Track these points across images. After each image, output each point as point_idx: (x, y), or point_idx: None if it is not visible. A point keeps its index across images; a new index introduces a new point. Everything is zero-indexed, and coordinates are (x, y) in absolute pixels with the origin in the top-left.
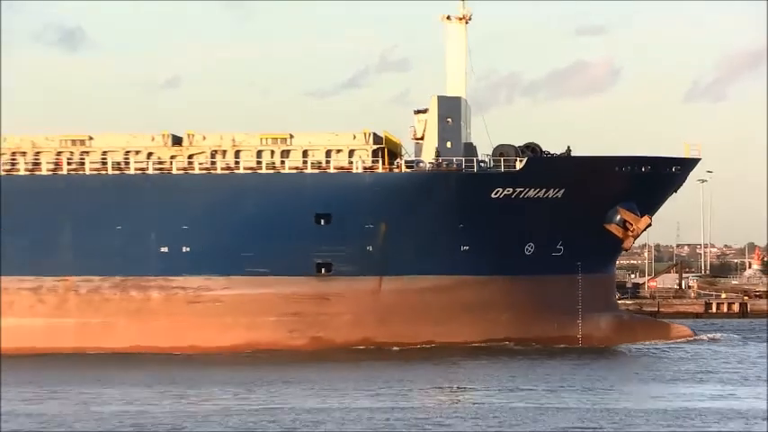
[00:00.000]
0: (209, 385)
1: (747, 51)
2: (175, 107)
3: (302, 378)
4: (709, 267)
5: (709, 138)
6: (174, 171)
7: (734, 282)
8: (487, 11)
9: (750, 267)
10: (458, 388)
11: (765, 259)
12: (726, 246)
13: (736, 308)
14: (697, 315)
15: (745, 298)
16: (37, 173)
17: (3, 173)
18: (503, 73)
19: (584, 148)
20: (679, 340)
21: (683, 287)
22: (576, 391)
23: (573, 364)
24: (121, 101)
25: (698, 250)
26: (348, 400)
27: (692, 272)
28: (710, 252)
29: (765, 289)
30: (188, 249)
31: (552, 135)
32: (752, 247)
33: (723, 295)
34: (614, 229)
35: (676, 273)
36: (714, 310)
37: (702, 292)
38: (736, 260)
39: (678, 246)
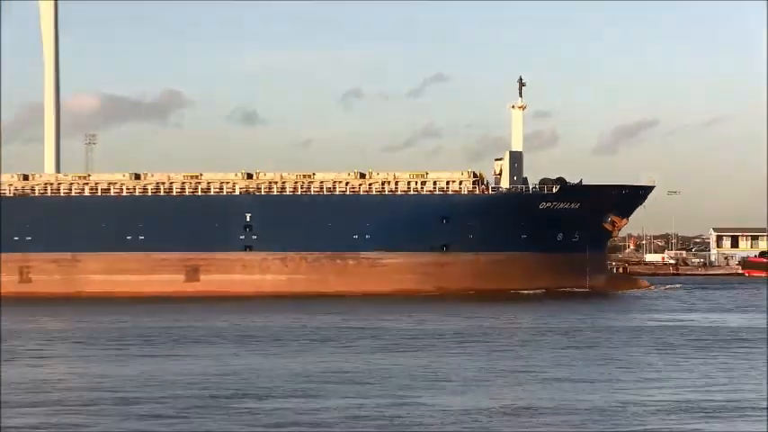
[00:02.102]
0: (417, 312)
1: (630, 124)
2: (308, 158)
3: (433, 309)
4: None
5: (608, 176)
6: (361, 193)
7: (619, 255)
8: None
9: (629, 248)
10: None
11: (637, 243)
12: None
13: (621, 270)
14: None
15: (626, 265)
16: (283, 194)
17: (264, 192)
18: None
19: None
20: (643, 289)
21: None
22: (610, 319)
23: (595, 303)
24: (278, 152)
25: None
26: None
27: None
28: None
29: (637, 260)
30: (369, 237)
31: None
32: (630, 236)
33: (612, 263)
34: (608, 226)
35: None
36: None
37: None
38: (620, 243)
39: None
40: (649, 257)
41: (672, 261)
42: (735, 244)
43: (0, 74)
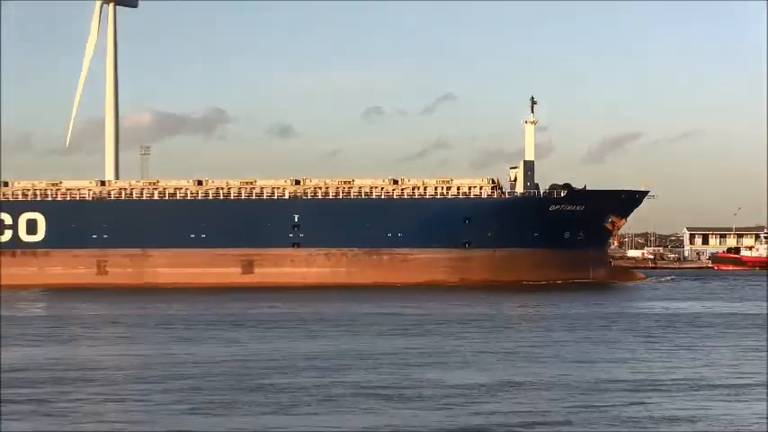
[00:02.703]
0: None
1: (616, 136)
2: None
3: (456, 297)
4: None
5: (597, 182)
6: (394, 197)
7: None
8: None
9: (613, 244)
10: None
11: (620, 240)
12: None
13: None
14: None
15: (610, 260)
16: (327, 198)
17: (310, 196)
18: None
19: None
20: (639, 281)
21: None
22: (614, 305)
23: (600, 293)
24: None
25: None
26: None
27: None
28: None
29: (620, 255)
30: (401, 234)
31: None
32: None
33: None
34: (608, 225)
35: None
36: None
37: None
38: None
39: None
40: (631, 253)
41: (650, 256)
42: (705, 241)
43: (0, 75)
